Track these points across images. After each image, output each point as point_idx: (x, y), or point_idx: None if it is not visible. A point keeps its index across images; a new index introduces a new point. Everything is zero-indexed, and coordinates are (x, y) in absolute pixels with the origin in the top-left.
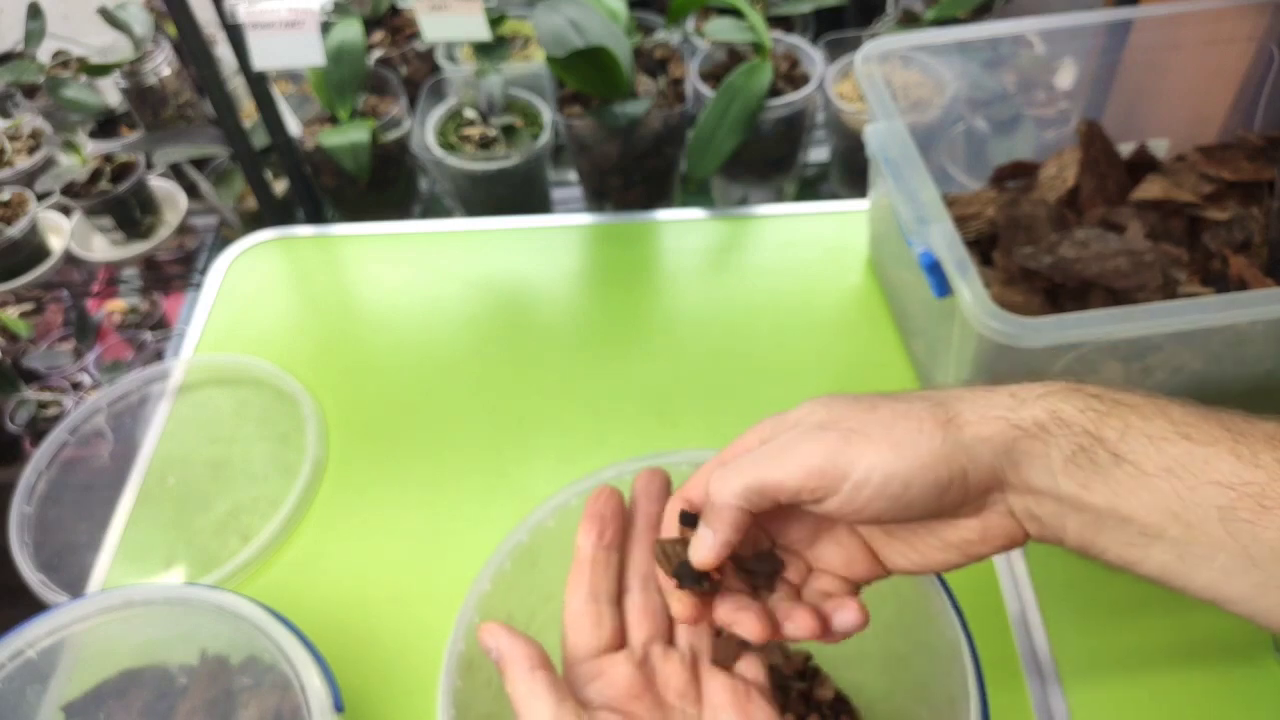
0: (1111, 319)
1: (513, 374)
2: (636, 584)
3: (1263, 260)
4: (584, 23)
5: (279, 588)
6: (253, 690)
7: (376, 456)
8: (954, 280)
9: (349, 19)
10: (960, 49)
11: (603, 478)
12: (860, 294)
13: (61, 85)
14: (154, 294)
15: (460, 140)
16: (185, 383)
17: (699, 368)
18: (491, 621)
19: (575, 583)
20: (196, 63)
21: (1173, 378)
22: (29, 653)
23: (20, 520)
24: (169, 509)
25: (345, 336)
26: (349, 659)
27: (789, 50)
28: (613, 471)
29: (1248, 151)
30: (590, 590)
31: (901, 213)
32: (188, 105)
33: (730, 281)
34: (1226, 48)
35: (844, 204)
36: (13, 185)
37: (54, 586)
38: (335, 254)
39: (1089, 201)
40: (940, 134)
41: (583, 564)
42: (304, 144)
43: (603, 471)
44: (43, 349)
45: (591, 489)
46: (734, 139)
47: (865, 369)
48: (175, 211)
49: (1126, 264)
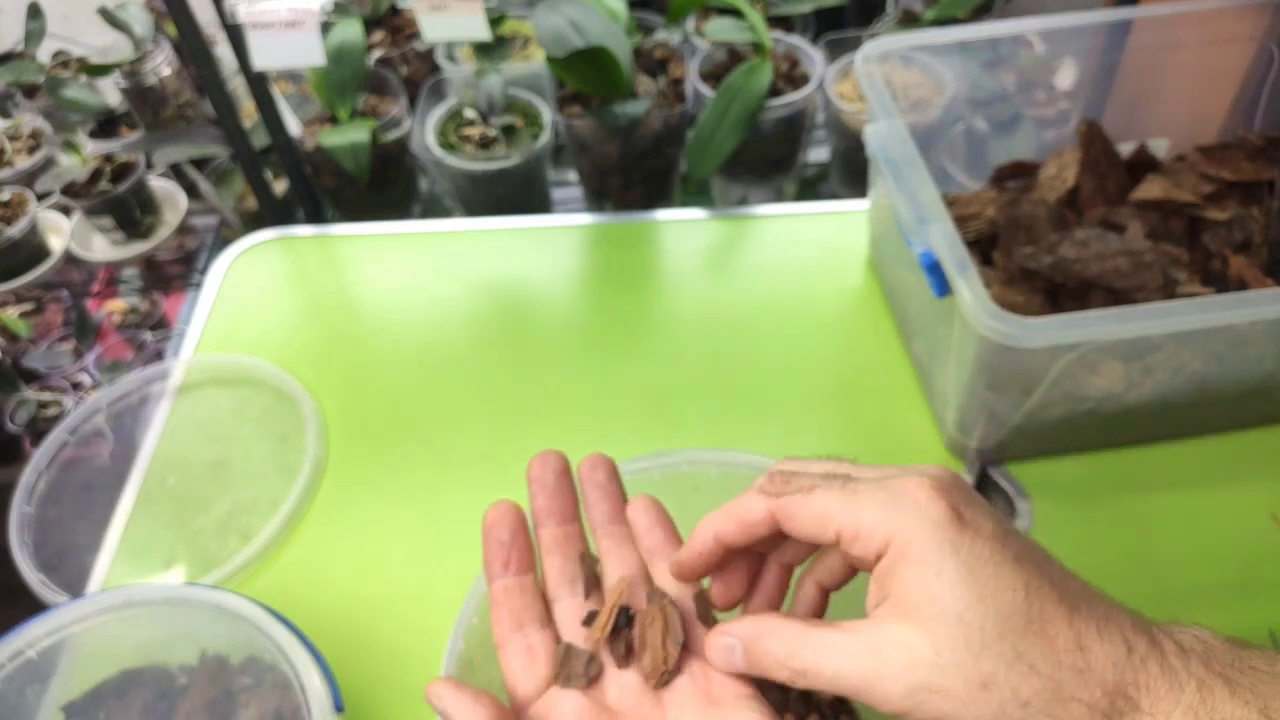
0: (1111, 319)
1: (513, 374)
2: (563, 589)
3: (1263, 260)
4: (584, 23)
5: (279, 588)
6: (253, 690)
7: (376, 456)
8: (954, 280)
9: (349, 19)
10: (960, 49)
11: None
12: (860, 294)
13: (61, 85)
14: (154, 294)
15: (460, 140)
16: (185, 383)
17: (699, 368)
18: (438, 681)
19: (496, 619)
20: (196, 63)
21: (1173, 378)
22: (29, 653)
23: (20, 520)
24: (169, 509)
25: (345, 336)
26: (349, 659)
27: (789, 50)
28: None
29: (1248, 151)
30: (512, 621)
31: (901, 213)
32: (188, 105)
33: (730, 281)
34: (1226, 48)
35: (844, 204)
36: (13, 185)
37: (54, 586)
38: (335, 254)
39: (1089, 201)
40: (940, 134)
41: (498, 599)
42: (304, 144)
43: None
44: (43, 349)
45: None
46: (734, 139)
47: (865, 369)
48: (175, 211)
49: (1126, 264)
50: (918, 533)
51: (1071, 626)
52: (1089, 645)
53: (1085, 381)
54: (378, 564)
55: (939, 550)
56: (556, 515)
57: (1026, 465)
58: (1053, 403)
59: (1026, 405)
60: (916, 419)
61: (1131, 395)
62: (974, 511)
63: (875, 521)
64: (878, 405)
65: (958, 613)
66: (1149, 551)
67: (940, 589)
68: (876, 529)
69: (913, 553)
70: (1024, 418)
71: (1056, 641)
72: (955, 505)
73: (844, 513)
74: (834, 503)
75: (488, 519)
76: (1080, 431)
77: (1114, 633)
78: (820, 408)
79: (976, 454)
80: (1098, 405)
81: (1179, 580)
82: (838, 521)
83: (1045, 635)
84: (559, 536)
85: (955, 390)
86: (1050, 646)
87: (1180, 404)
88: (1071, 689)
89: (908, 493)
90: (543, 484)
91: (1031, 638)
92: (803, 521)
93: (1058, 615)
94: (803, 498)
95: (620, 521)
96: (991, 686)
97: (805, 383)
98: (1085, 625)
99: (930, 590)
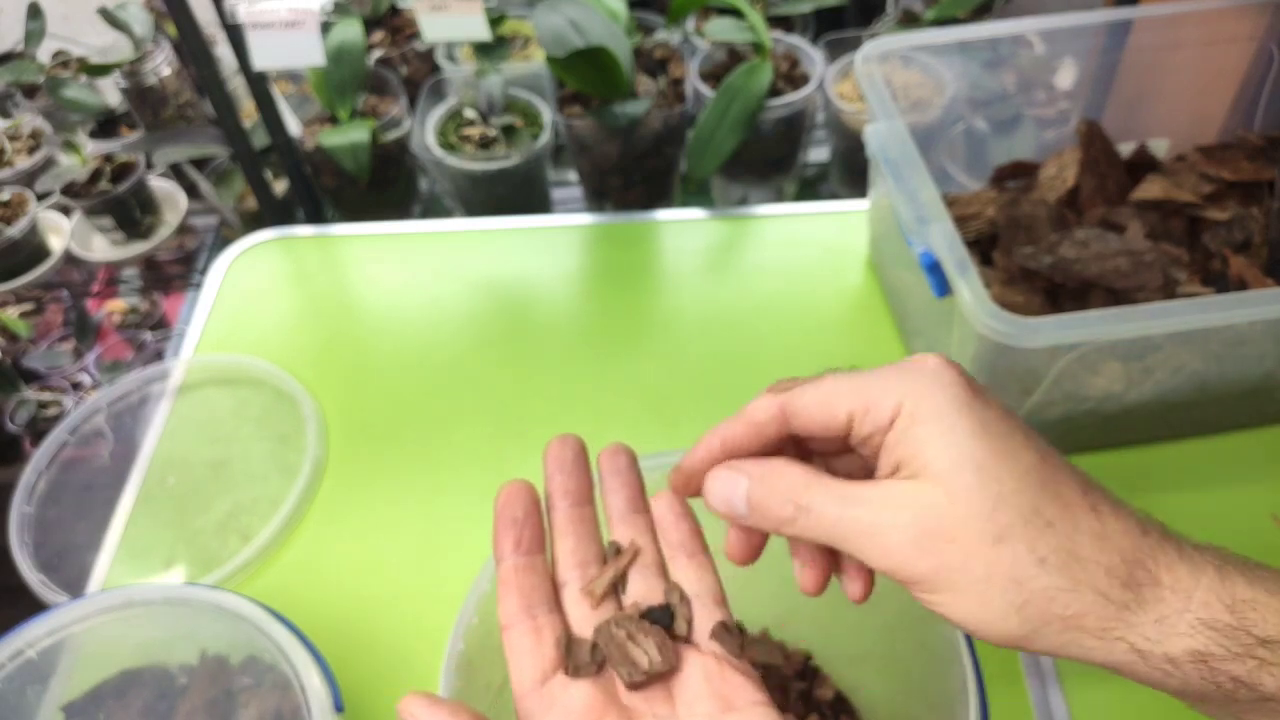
0: (1111, 319)
1: (513, 373)
2: (573, 574)
3: (1263, 260)
4: (584, 23)
5: (279, 588)
6: (253, 690)
7: (376, 456)
8: (954, 280)
9: (349, 19)
10: (960, 49)
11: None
12: (860, 294)
13: (61, 85)
14: (154, 294)
15: (460, 140)
16: (185, 383)
17: (699, 368)
18: (411, 694)
19: (504, 599)
20: (196, 63)
21: (1173, 378)
22: (29, 653)
23: (20, 520)
24: (169, 509)
25: (345, 336)
26: (349, 659)
27: (789, 50)
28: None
29: (1248, 151)
30: (521, 602)
31: (901, 213)
32: (188, 105)
33: (730, 281)
34: (1226, 48)
35: (844, 204)
36: (13, 185)
37: (54, 586)
38: (335, 254)
39: (1089, 201)
40: (940, 134)
41: (507, 579)
42: (304, 144)
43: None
44: (43, 349)
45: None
46: (734, 139)
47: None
48: (175, 211)
49: (1126, 264)
50: (931, 393)
51: (1086, 496)
52: (1105, 515)
53: (1085, 381)
54: (378, 564)
55: (953, 407)
56: (572, 495)
57: None
58: (1053, 403)
59: (1026, 405)
60: None
61: (1131, 395)
62: (982, 388)
63: (885, 390)
64: None
65: (976, 463)
66: None
67: (956, 441)
68: (887, 397)
69: (926, 413)
70: (1024, 418)
71: (1073, 506)
72: (965, 376)
73: (853, 391)
74: (843, 383)
75: (500, 496)
76: (1080, 431)
77: (1128, 514)
78: None
79: None
80: (1098, 405)
81: None
82: (847, 401)
83: (1061, 498)
84: (574, 517)
85: None
86: (1067, 509)
87: (1180, 404)
88: (1089, 550)
89: (918, 363)
90: (560, 463)
91: (1048, 498)
92: (811, 410)
93: (1072, 483)
94: (812, 384)
95: (640, 511)
96: (1006, 540)
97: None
98: (1099, 499)
99: (946, 443)
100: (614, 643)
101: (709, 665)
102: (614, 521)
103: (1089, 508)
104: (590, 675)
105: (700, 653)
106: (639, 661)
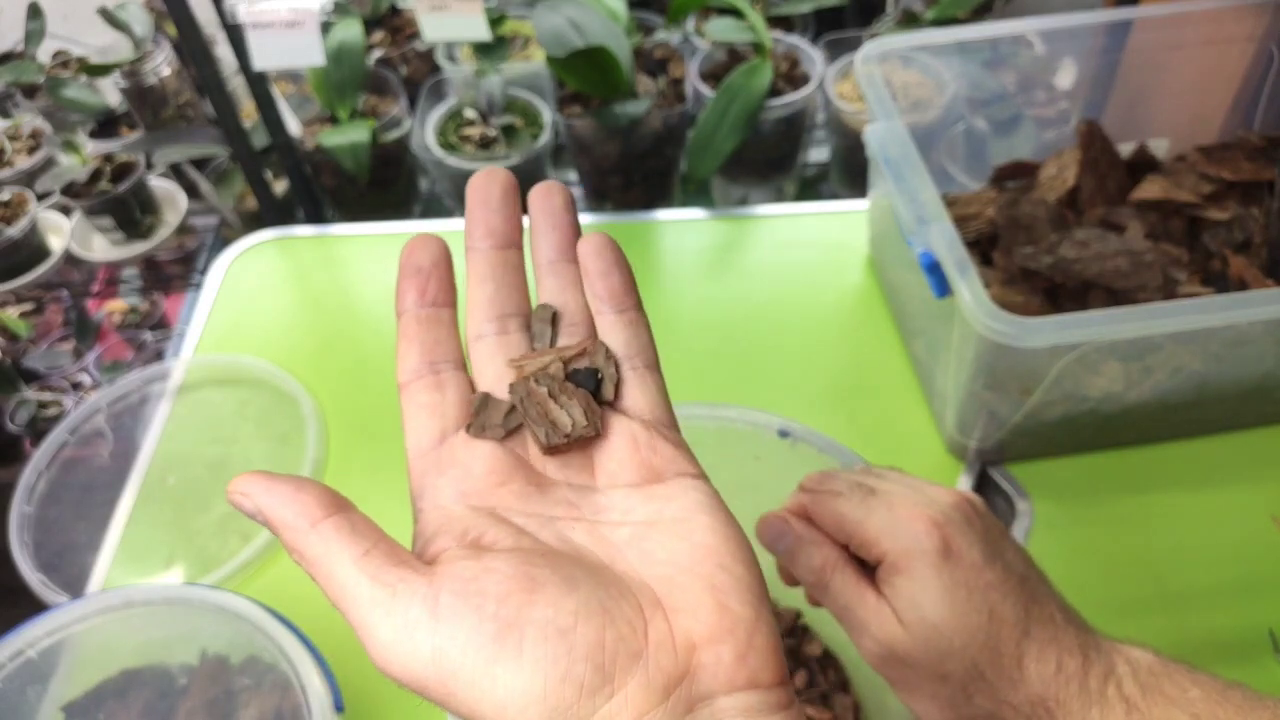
0: (1111, 319)
1: None
2: (489, 326)
3: (1263, 260)
4: (584, 23)
5: (279, 588)
6: (253, 690)
7: (376, 456)
8: (954, 280)
9: (349, 19)
10: (960, 49)
11: None
12: (860, 294)
13: (61, 85)
14: (154, 294)
15: (460, 140)
16: (185, 383)
17: (699, 368)
18: (243, 476)
19: (403, 355)
20: (196, 63)
21: (1172, 378)
22: (29, 653)
23: (20, 520)
24: (169, 509)
25: (345, 336)
26: (349, 659)
27: (789, 50)
28: None
29: (1248, 151)
30: (423, 357)
31: (901, 213)
32: (188, 105)
33: (730, 281)
34: (1226, 48)
35: (844, 204)
36: (13, 185)
37: (54, 586)
38: (335, 254)
39: (1089, 201)
40: (940, 134)
41: (407, 331)
42: (304, 144)
43: None
44: (43, 349)
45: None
46: (734, 139)
47: (865, 369)
48: (175, 211)
49: (1126, 264)
50: (909, 554)
51: (1018, 647)
52: (1027, 664)
53: (1085, 381)
54: None
55: (925, 573)
56: (496, 236)
57: (1026, 465)
58: (1053, 403)
59: (1026, 405)
60: (916, 419)
61: (1131, 395)
62: (965, 541)
63: (879, 539)
64: (877, 405)
65: (934, 623)
66: (1149, 551)
67: (923, 602)
68: (876, 545)
69: (903, 568)
70: (1024, 418)
71: (1003, 659)
72: (947, 538)
73: (857, 525)
74: (850, 513)
75: (405, 249)
76: (1080, 431)
77: (1051, 655)
78: (820, 407)
79: (976, 454)
80: (1098, 405)
81: (1179, 580)
82: (849, 530)
83: (997, 652)
84: (495, 261)
85: (955, 390)
86: (998, 661)
87: (1180, 404)
88: (1006, 694)
89: (909, 522)
90: (484, 197)
91: (987, 653)
92: (825, 520)
93: (1010, 638)
94: (830, 500)
95: (570, 260)
96: (948, 680)
97: (805, 382)
98: (1029, 647)
99: (913, 603)
100: (533, 399)
101: (637, 432)
102: (539, 270)
103: (1016, 661)
104: (497, 439)
105: (628, 418)
106: (560, 423)
